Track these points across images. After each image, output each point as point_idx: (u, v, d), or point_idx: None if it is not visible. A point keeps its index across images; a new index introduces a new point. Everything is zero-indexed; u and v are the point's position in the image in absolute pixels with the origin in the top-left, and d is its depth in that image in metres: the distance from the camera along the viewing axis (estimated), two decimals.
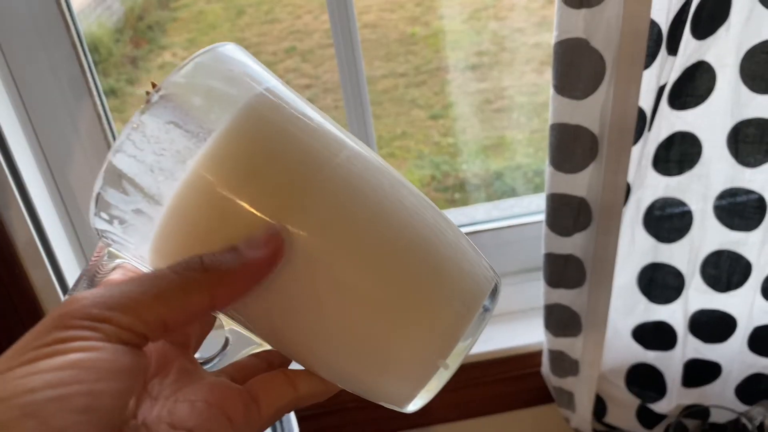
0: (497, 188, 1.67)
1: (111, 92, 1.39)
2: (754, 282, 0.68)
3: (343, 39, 0.73)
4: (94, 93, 0.73)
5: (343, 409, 0.81)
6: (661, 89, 0.57)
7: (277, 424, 0.61)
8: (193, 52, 0.28)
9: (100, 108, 0.74)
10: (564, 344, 0.72)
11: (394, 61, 1.94)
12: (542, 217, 0.83)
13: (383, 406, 0.28)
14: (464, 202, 1.36)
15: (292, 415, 0.61)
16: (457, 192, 1.68)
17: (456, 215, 0.88)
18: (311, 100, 0.30)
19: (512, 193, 1.44)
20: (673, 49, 0.55)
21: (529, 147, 1.73)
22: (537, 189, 1.19)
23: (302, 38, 1.95)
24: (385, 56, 1.89)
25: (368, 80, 0.80)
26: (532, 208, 0.87)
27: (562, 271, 0.67)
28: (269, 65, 0.31)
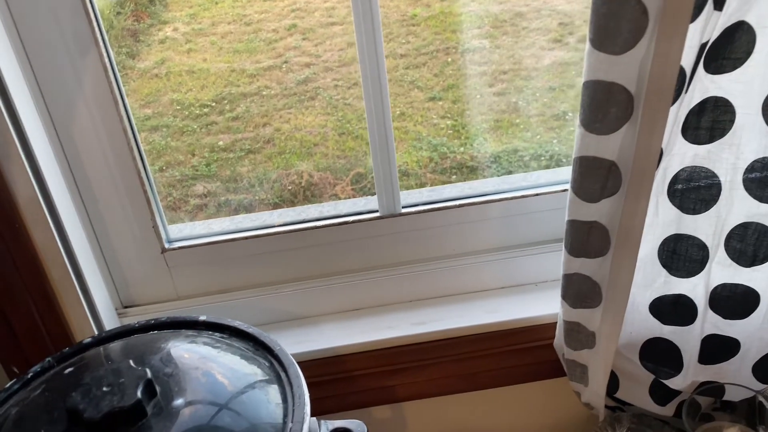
0: (494, 172, 1.65)
1: None
2: None
3: (363, 13, 0.70)
4: (101, 45, 0.70)
5: (351, 376, 0.79)
6: (702, 47, 0.55)
7: (289, 395, 0.59)
8: (195, 27, 0.24)
9: (106, 60, 0.71)
10: (582, 316, 0.70)
11: (395, 42, 1.91)
12: (550, 189, 0.81)
13: (391, 375, 0.25)
14: None
15: (305, 388, 0.59)
16: (454, 174, 1.66)
17: (464, 188, 0.86)
18: (311, 80, 0.27)
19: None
20: (719, 4, 0.53)
21: (525, 131, 1.72)
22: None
23: (303, 16, 1.92)
24: (386, 36, 1.86)
25: None
26: (541, 182, 0.85)
27: (585, 239, 0.65)
28: (270, 42, 0.28)
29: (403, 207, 0.82)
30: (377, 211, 0.82)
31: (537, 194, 0.82)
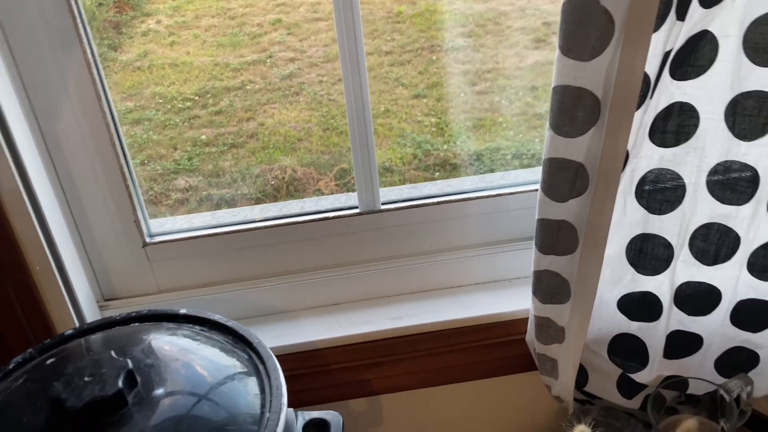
0: (477, 169, 1.67)
1: None
2: (741, 256, 0.70)
3: (344, 9, 0.72)
4: (84, 41, 0.71)
5: (328, 370, 0.81)
6: (666, 55, 0.57)
7: (267, 386, 0.61)
8: (178, 20, 0.26)
9: (89, 56, 0.72)
10: (552, 311, 0.73)
11: (380, 39, 1.92)
12: (527, 188, 0.84)
13: (368, 369, 0.27)
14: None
15: (282, 380, 0.61)
16: (437, 171, 1.68)
17: (443, 186, 0.88)
18: (295, 75, 0.28)
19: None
20: (681, 14, 0.55)
21: (508, 130, 1.74)
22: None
23: (288, 11, 1.92)
24: (370, 33, 1.87)
25: None
26: (519, 180, 0.88)
27: (554, 237, 0.67)
28: (254, 37, 0.30)
29: (382, 203, 0.84)
30: (357, 207, 0.84)
31: (513, 193, 0.84)
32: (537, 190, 0.83)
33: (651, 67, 0.57)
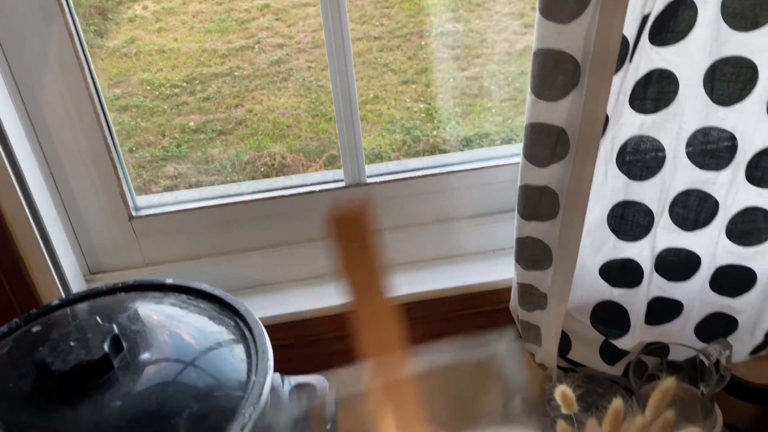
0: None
1: None
2: (719, 222, 0.71)
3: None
4: (67, 13, 0.71)
5: (317, 339, 0.82)
6: (644, 19, 0.58)
7: (253, 351, 0.62)
8: (165, 6, 0.26)
9: (72, 28, 0.72)
10: (534, 278, 0.74)
11: (369, 24, 1.92)
12: (510, 161, 0.84)
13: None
14: None
15: (268, 344, 0.61)
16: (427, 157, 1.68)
17: (429, 162, 0.89)
18: (284, 61, 0.29)
19: None
20: None
21: (497, 115, 1.75)
22: None
23: None
24: (359, 18, 1.87)
25: None
26: (502, 154, 0.89)
27: (536, 203, 0.68)
28: (242, 23, 0.30)
29: (368, 177, 0.85)
30: (343, 180, 0.85)
31: (497, 165, 0.85)
32: (518, 163, 0.84)
33: (629, 30, 0.57)
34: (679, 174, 0.69)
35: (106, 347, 0.54)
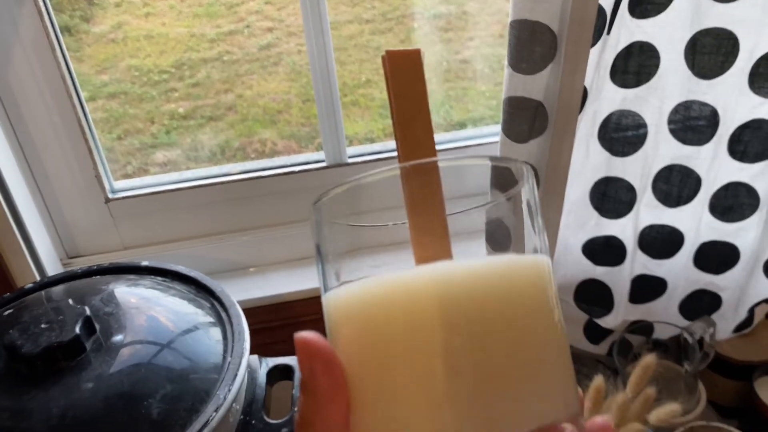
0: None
1: (65, 29, 1.35)
2: (702, 197, 0.70)
3: None
4: None
5: (297, 322, 0.81)
6: None
7: (229, 333, 0.61)
8: None
9: (42, 8, 0.70)
10: None
11: (360, 6, 1.89)
12: (493, 140, 0.83)
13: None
14: None
15: (245, 326, 0.61)
16: None
17: None
18: (273, 45, 0.28)
19: None
20: None
21: (492, 99, 1.73)
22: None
23: None
24: (350, 1, 1.84)
25: (332, 25, 0.78)
26: (486, 133, 0.88)
27: None
28: (231, 6, 0.29)
29: (349, 157, 0.84)
30: (324, 161, 0.83)
31: (481, 144, 0.84)
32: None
33: (606, 1, 0.56)
34: (662, 149, 0.68)
35: (77, 329, 0.54)
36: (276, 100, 1.77)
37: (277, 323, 0.81)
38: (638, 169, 0.69)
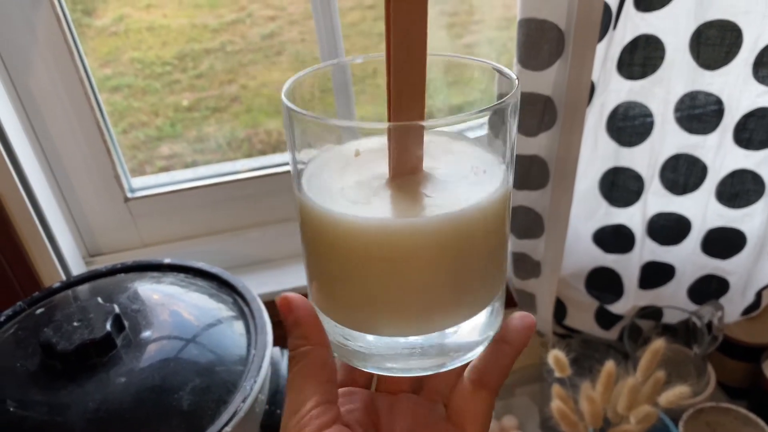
0: None
1: None
2: (709, 185, 0.72)
3: None
4: None
5: None
6: None
7: (252, 327, 0.63)
8: None
9: (58, 9, 0.72)
10: (527, 246, 0.75)
11: None
12: None
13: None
14: None
15: (267, 319, 0.63)
16: None
17: None
18: (276, 34, 0.30)
19: None
20: None
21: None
22: None
23: None
24: None
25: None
26: None
27: (527, 172, 0.68)
28: None
29: None
30: None
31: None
32: None
33: None
34: (668, 139, 0.70)
35: (108, 326, 0.56)
36: (280, 89, 1.77)
37: None
38: (646, 159, 0.71)
